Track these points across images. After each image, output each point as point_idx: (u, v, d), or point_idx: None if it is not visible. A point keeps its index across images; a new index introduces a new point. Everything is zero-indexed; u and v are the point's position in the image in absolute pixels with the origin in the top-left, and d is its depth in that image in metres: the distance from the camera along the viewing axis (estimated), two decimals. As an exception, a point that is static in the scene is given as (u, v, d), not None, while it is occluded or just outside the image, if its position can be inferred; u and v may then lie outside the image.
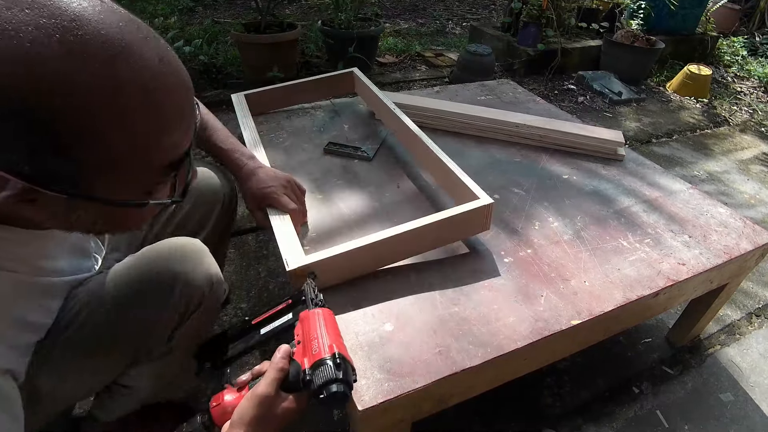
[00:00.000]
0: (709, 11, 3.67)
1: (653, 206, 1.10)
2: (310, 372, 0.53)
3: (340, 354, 0.54)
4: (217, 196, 0.87)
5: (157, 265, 0.66)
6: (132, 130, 0.41)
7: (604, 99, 2.86)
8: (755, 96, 3.24)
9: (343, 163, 1.17)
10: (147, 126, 0.42)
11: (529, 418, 1.06)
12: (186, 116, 0.46)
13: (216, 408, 0.59)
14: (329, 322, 0.60)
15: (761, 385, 1.18)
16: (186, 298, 0.66)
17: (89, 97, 0.38)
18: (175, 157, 0.46)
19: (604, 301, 0.82)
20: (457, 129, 1.36)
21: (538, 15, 3.03)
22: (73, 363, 0.64)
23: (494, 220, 1.00)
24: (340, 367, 0.53)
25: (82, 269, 0.70)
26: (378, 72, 2.95)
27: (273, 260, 1.46)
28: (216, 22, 3.51)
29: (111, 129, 0.39)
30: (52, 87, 0.36)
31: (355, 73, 1.39)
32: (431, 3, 4.84)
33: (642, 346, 1.26)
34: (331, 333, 0.58)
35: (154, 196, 0.47)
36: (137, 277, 0.65)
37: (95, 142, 0.39)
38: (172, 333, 0.68)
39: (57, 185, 0.40)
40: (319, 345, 0.55)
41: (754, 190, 2.08)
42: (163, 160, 0.45)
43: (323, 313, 0.61)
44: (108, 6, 0.40)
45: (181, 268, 0.66)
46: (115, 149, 0.41)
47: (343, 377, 0.52)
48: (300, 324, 0.61)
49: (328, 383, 0.52)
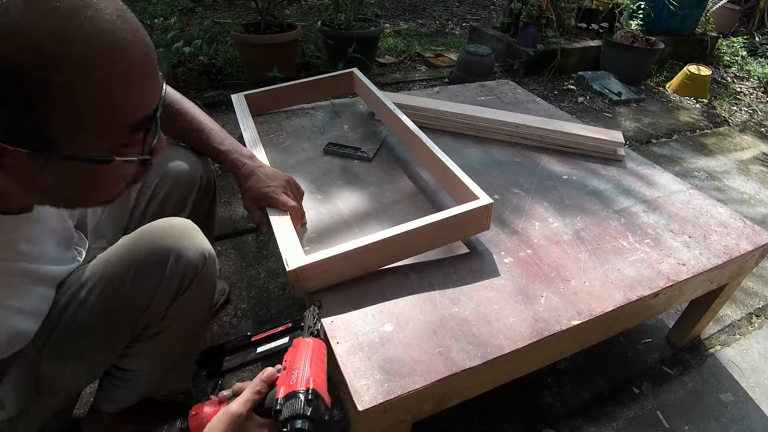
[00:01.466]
0: (708, 11, 3.67)
1: (653, 206, 1.10)
2: (281, 402, 0.54)
3: (314, 390, 0.54)
4: (194, 177, 0.87)
5: (152, 242, 0.67)
6: (96, 83, 0.41)
7: (603, 99, 2.86)
8: (755, 96, 3.25)
9: (343, 164, 1.17)
10: (109, 78, 0.42)
11: (530, 418, 1.06)
12: (149, 74, 0.46)
13: (194, 417, 0.61)
14: (316, 354, 0.60)
15: (761, 385, 1.18)
16: (180, 272, 0.66)
17: (50, 47, 0.38)
18: (141, 117, 0.46)
19: (604, 302, 0.82)
20: (457, 129, 1.36)
21: (537, 15, 3.03)
22: (73, 344, 0.65)
23: (494, 220, 1.00)
24: (311, 403, 0.53)
25: (67, 259, 0.70)
26: (378, 72, 2.95)
27: (273, 261, 1.46)
28: (216, 22, 3.51)
29: (74, 80, 0.40)
30: (12, 39, 0.36)
31: (355, 74, 1.39)
32: (431, 3, 4.84)
33: (642, 347, 1.26)
34: (314, 366, 0.58)
35: (122, 153, 0.47)
36: (132, 254, 0.66)
37: (59, 95, 0.40)
38: (166, 309, 0.68)
39: (22, 140, 0.40)
40: (298, 376, 0.56)
41: (754, 190, 2.09)
42: (130, 119, 0.46)
43: (314, 344, 0.61)
44: None
45: (175, 243, 0.67)
46: (80, 102, 0.41)
47: (311, 414, 0.52)
48: (291, 350, 0.62)
49: (293, 417, 0.52)
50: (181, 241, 0.67)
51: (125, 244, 0.68)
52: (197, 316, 0.76)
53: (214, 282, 0.75)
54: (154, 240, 0.67)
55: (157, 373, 0.78)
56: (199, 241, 0.70)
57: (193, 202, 0.88)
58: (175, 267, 0.66)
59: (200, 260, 0.69)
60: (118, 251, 0.67)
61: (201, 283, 0.70)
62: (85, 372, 0.70)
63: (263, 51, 2.44)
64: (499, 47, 3.15)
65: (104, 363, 0.72)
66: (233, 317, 1.26)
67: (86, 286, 0.65)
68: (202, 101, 2.33)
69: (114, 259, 0.66)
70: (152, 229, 0.68)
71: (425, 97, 1.59)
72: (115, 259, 0.66)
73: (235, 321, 1.25)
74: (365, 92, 1.35)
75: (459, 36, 3.91)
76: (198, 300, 0.72)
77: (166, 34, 2.61)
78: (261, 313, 1.28)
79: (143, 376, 0.77)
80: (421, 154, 1.09)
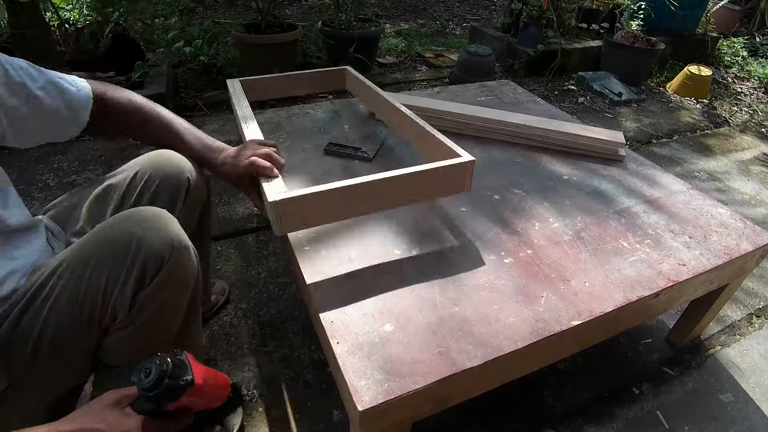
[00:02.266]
0: (709, 12, 3.67)
1: (653, 207, 1.10)
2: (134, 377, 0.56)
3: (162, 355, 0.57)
4: (180, 180, 0.87)
5: (115, 228, 0.68)
6: None
7: (604, 99, 2.86)
8: (755, 97, 3.24)
9: (343, 164, 1.17)
10: None
11: (530, 418, 1.06)
12: None
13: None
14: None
15: (761, 385, 1.18)
16: (142, 258, 0.66)
17: None
18: None
19: (604, 302, 0.82)
20: (458, 129, 1.36)
21: (538, 16, 3.03)
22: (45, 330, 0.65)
23: (494, 220, 1.00)
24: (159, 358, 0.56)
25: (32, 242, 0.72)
26: (378, 72, 2.95)
27: (273, 261, 1.46)
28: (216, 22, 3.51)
29: None
30: None
31: (347, 71, 1.41)
32: (431, 3, 4.84)
33: (642, 347, 1.26)
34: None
35: None
36: (96, 240, 0.67)
37: None
38: (134, 297, 0.68)
39: None
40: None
41: (754, 190, 2.08)
42: None
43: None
44: None
45: (137, 229, 0.67)
46: None
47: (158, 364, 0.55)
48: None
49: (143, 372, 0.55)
50: (144, 228, 0.67)
51: (93, 231, 0.69)
52: (173, 310, 0.74)
53: (191, 273, 0.73)
54: (117, 226, 0.68)
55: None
56: (167, 229, 0.69)
57: (182, 206, 0.88)
58: (136, 255, 0.65)
59: (165, 247, 0.67)
60: (85, 238, 0.69)
61: (171, 274, 0.69)
62: (62, 361, 0.70)
63: (264, 51, 2.44)
64: (499, 47, 3.15)
65: (81, 354, 0.71)
66: (233, 317, 1.26)
67: (56, 273, 0.66)
68: (203, 101, 2.33)
69: (80, 246, 0.67)
70: (118, 218, 0.70)
71: (425, 97, 1.59)
72: (81, 245, 0.67)
73: (235, 321, 1.25)
74: (357, 87, 1.37)
75: (459, 36, 3.91)
76: (171, 292, 0.71)
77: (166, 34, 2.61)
78: (261, 313, 1.28)
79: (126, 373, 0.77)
80: (403, 126, 1.13)
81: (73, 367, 0.73)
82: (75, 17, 2.69)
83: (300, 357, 1.16)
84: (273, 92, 1.38)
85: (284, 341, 1.20)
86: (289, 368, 1.13)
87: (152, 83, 2.18)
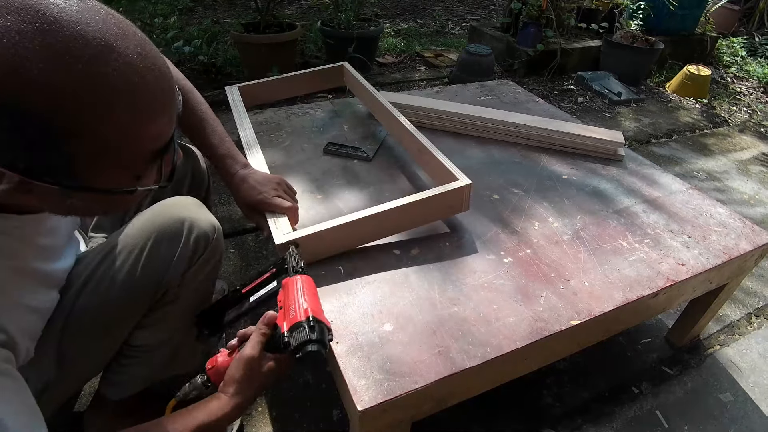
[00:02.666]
0: (708, 12, 3.67)
1: (653, 206, 1.10)
2: (288, 335, 0.59)
3: (314, 317, 0.59)
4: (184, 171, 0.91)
5: (166, 213, 0.72)
6: (118, 124, 0.43)
7: (603, 99, 2.86)
8: (754, 96, 3.25)
9: (343, 164, 1.17)
10: (132, 118, 0.44)
11: (529, 418, 1.06)
12: (167, 106, 0.48)
13: (211, 370, 0.68)
14: (308, 288, 0.65)
15: (761, 385, 1.18)
16: (194, 239, 0.71)
17: (75, 95, 0.40)
18: (160, 144, 0.49)
19: (603, 302, 0.82)
20: (458, 129, 1.36)
21: (537, 15, 3.03)
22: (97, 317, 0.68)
23: (494, 220, 1.00)
24: (314, 329, 0.58)
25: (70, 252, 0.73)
26: (378, 72, 2.95)
27: (273, 261, 1.45)
28: (216, 22, 3.51)
29: (98, 124, 0.42)
30: (39, 88, 0.38)
31: (345, 67, 1.42)
32: (431, 3, 4.84)
33: (641, 347, 1.26)
34: (309, 298, 0.63)
35: (142, 182, 0.51)
36: (149, 225, 0.70)
37: (84, 137, 0.42)
38: (182, 276, 0.72)
39: (50, 177, 0.43)
40: (296, 309, 0.61)
41: (754, 190, 2.09)
42: (150, 148, 0.48)
43: (302, 279, 0.66)
44: (87, 4, 0.42)
45: (188, 214, 0.72)
46: (103, 142, 0.43)
47: (317, 338, 0.58)
48: (282, 290, 0.66)
49: (303, 344, 0.57)
50: (192, 212, 0.73)
51: (141, 218, 0.72)
52: (206, 287, 0.80)
53: (223, 254, 0.79)
54: (168, 212, 0.72)
55: (164, 349, 0.80)
56: (208, 214, 0.75)
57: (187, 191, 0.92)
58: (189, 235, 0.71)
59: (211, 230, 0.74)
60: (135, 225, 0.71)
61: (212, 253, 0.75)
62: (109, 344, 0.74)
63: (263, 51, 2.44)
64: (498, 47, 3.15)
65: (126, 331, 0.75)
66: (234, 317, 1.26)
67: (111, 255, 0.69)
68: (202, 101, 2.33)
69: (132, 232, 0.70)
70: (165, 204, 0.74)
71: (425, 97, 1.59)
72: (133, 231, 0.70)
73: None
74: (354, 84, 1.38)
75: (459, 36, 3.91)
76: (208, 270, 0.77)
77: (165, 33, 2.61)
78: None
79: (153, 351, 0.79)
80: (402, 135, 1.13)
81: (112, 348, 0.76)
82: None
83: (299, 357, 1.16)
84: (272, 95, 1.38)
85: (284, 341, 1.20)
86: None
87: (151, 83, 2.18)
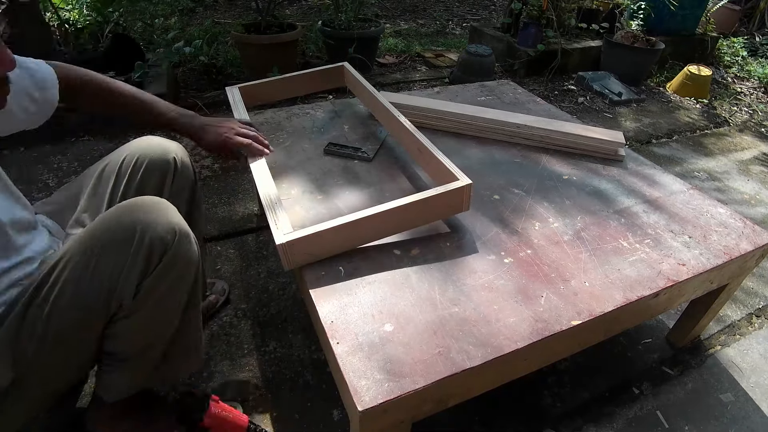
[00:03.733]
0: (709, 12, 3.67)
1: (653, 206, 1.10)
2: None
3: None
4: (166, 162, 0.89)
5: (119, 217, 0.68)
6: None
7: (604, 99, 2.86)
8: (755, 96, 3.25)
9: (343, 164, 1.17)
10: None
11: (530, 418, 1.06)
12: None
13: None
14: None
15: (761, 385, 1.18)
16: (147, 245, 0.67)
17: None
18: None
19: (604, 302, 0.82)
20: (458, 130, 1.36)
21: (538, 15, 3.03)
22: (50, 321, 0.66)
23: (494, 220, 1.00)
24: None
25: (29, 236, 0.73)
26: (378, 72, 2.95)
27: (273, 261, 1.46)
28: (216, 22, 3.51)
29: None
30: None
31: (345, 67, 1.42)
32: (431, 3, 4.84)
33: (642, 347, 1.26)
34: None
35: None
36: (100, 229, 0.68)
37: None
38: (138, 284, 0.68)
39: None
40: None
41: (754, 190, 2.08)
42: None
43: None
44: None
45: (141, 217, 0.68)
46: None
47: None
48: None
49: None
50: (148, 215, 0.68)
51: (95, 221, 0.70)
52: (174, 298, 0.74)
53: (192, 261, 0.73)
54: (121, 215, 0.68)
55: (142, 358, 0.77)
56: (168, 217, 0.70)
57: (170, 188, 0.89)
58: (141, 240, 0.66)
59: (169, 234, 0.68)
60: (88, 228, 0.69)
61: (174, 260, 0.69)
62: (70, 352, 0.71)
63: (263, 51, 2.44)
64: (499, 47, 3.15)
65: (86, 344, 0.72)
66: (233, 317, 1.26)
67: (60, 264, 0.66)
68: (202, 101, 2.33)
69: (84, 236, 0.68)
70: (121, 206, 0.70)
71: (425, 97, 1.59)
72: (85, 235, 0.68)
73: (235, 321, 1.25)
74: (355, 85, 1.38)
75: (459, 36, 3.91)
76: (173, 279, 0.71)
77: (166, 34, 2.61)
78: (261, 313, 1.28)
79: (129, 360, 0.76)
80: (403, 135, 1.13)
81: (77, 357, 0.74)
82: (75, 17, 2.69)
83: (300, 357, 1.16)
84: (273, 96, 1.38)
85: (284, 341, 1.20)
86: (289, 368, 1.13)
87: (152, 83, 2.18)
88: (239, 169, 1.89)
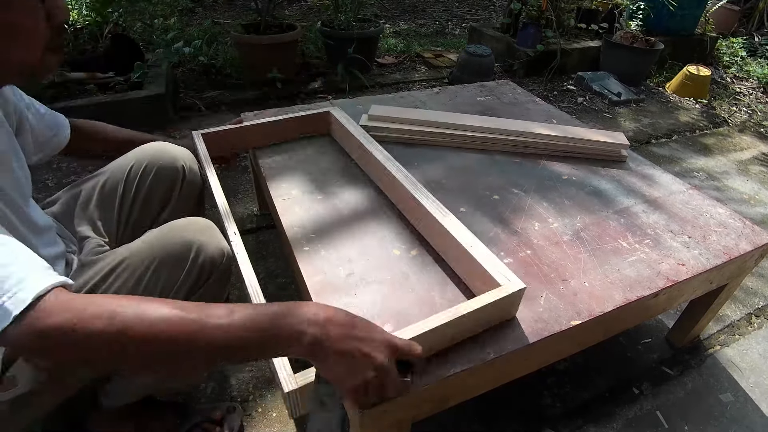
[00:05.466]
0: (708, 12, 3.67)
1: (653, 207, 1.10)
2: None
3: None
4: (176, 168, 0.90)
5: (175, 234, 0.71)
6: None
7: (603, 99, 2.86)
8: (754, 96, 3.25)
9: (343, 164, 1.17)
10: None
11: (529, 418, 1.06)
12: None
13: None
14: None
15: (761, 385, 1.18)
16: (200, 264, 0.70)
17: None
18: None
19: (603, 302, 0.82)
20: (459, 144, 1.28)
21: (537, 16, 3.03)
22: None
23: (494, 220, 1.00)
24: None
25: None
26: (377, 73, 2.95)
27: (272, 261, 1.46)
28: (216, 23, 3.51)
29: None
30: None
31: (332, 113, 1.26)
32: (431, 4, 4.84)
33: (642, 347, 1.26)
34: None
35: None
36: (157, 245, 0.70)
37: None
38: (185, 299, 0.70)
39: None
40: None
41: (753, 190, 2.09)
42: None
43: None
44: None
45: (197, 237, 0.71)
46: None
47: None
48: None
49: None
50: (203, 235, 0.71)
51: (150, 236, 0.72)
52: None
53: (229, 281, 0.77)
54: (177, 233, 0.71)
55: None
56: (219, 238, 0.74)
57: (178, 195, 0.91)
58: (196, 259, 0.69)
59: (220, 255, 0.72)
60: (144, 241, 0.71)
61: (219, 279, 0.73)
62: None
63: (263, 51, 2.44)
64: (498, 48, 3.15)
65: None
66: (233, 317, 1.26)
67: (117, 269, 0.68)
68: (202, 101, 2.33)
69: (139, 249, 0.70)
70: (176, 224, 0.73)
71: (425, 98, 1.59)
72: (140, 249, 0.70)
73: None
74: (344, 134, 1.22)
75: (459, 36, 3.91)
76: (212, 297, 0.74)
77: (166, 34, 2.61)
78: None
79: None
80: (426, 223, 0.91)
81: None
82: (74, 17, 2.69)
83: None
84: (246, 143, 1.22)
85: (284, 341, 1.20)
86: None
87: (151, 83, 2.18)
88: (239, 169, 1.89)
